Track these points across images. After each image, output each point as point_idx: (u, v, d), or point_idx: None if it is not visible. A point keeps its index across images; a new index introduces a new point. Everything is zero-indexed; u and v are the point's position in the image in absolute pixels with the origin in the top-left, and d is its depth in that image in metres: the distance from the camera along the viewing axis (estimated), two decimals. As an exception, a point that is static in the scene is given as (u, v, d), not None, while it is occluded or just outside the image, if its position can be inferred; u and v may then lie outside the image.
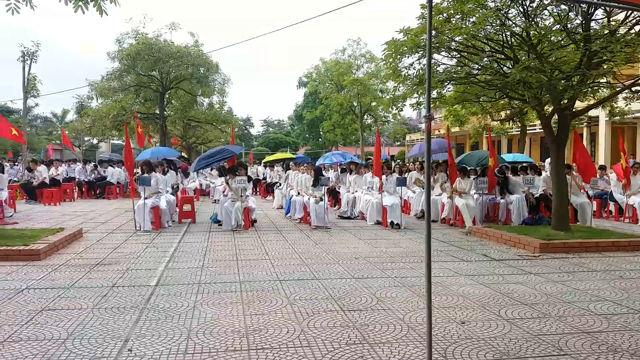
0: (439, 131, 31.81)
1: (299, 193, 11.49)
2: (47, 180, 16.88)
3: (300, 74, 62.11)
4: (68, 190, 17.43)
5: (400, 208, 10.48)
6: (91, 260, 6.91)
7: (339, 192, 13.81)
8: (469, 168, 11.75)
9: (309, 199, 10.64)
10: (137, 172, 13.03)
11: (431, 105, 3.35)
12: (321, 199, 10.32)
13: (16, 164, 22.29)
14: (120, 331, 4.00)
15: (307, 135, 53.75)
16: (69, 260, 6.91)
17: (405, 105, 9.70)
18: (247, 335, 3.94)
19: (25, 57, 22.00)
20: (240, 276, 5.97)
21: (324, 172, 12.53)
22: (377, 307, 4.74)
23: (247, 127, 76.64)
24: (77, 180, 19.10)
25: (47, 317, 4.35)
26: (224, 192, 13.98)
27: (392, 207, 10.32)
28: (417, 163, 13.46)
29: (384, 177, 10.97)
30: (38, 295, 5.06)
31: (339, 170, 14.85)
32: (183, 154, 25.17)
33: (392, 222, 10.31)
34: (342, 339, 3.89)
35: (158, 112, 24.06)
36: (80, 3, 7.05)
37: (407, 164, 14.21)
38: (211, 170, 18.10)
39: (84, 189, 18.74)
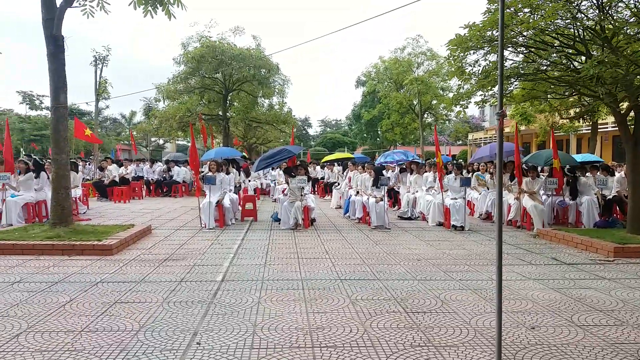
0: (504, 130, 30.80)
1: (358, 193, 11.46)
2: (117, 179, 17.74)
3: (358, 73, 61.83)
4: (137, 189, 18.23)
5: (465, 209, 10.21)
6: (160, 255, 7.19)
7: (399, 192, 13.66)
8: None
9: (368, 198, 10.59)
10: (202, 171, 13.42)
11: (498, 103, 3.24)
12: (381, 199, 10.24)
13: (88, 163, 23.56)
14: (188, 325, 4.13)
15: (364, 135, 53.57)
16: (139, 255, 7.21)
17: (470, 102, 9.45)
18: (310, 332, 3.97)
19: (97, 62, 23.21)
20: (302, 274, 6.02)
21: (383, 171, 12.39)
22: (441, 309, 4.65)
23: (305, 127, 77.40)
24: (145, 179, 19.96)
25: (120, 309, 4.55)
26: (283, 191, 14.18)
27: (455, 208, 10.08)
28: (482, 164, 13.05)
29: (451, 176, 10.72)
30: (111, 288, 5.31)
31: (398, 169, 14.68)
32: (244, 154, 25.70)
33: (454, 225, 10.04)
34: (407, 340, 3.83)
35: (221, 114, 24.70)
36: (150, 8, 7.39)
37: (476, 164, 13.75)
38: (272, 169, 18.40)
39: (151, 188, 19.55)
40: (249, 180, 16.81)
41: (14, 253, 7.16)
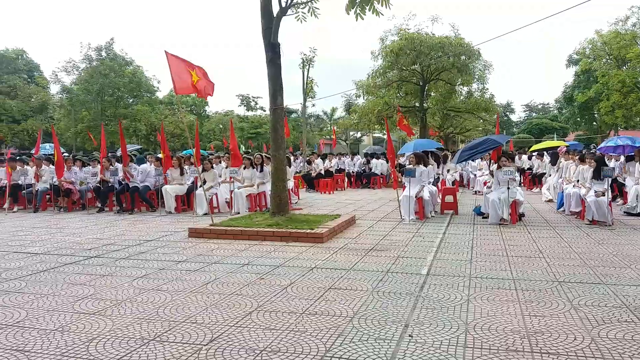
0: None
1: (574, 185, 10.36)
2: (322, 172, 19.01)
3: (569, 51, 55.90)
4: (339, 181, 19.30)
5: None
6: (365, 245, 7.47)
7: (624, 185, 11.97)
8: None
9: (587, 192, 9.49)
10: (399, 163, 13.58)
11: None
12: (603, 193, 9.09)
13: (297, 157, 25.65)
14: (399, 316, 4.20)
15: (578, 119, 48.17)
16: (346, 244, 7.60)
17: None
18: (528, 336, 3.71)
19: (304, 63, 25.00)
20: (513, 273, 5.67)
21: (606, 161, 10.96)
22: (691, 324, 3.94)
23: (507, 113, 72.83)
24: (346, 171, 21.02)
25: (334, 295, 4.85)
26: (485, 183, 13.55)
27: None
28: None
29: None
30: (325, 275, 5.69)
31: (624, 158, 12.85)
32: (441, 144, 25.25)
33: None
34: (647, 356, 3.34)
35: (418, 105, 24.67)
36: (359, 10, 7.78)
37: None
38: (473, 160, 17.74)
39: (352, 179, 20.51)
40: (450, 174, 16.47)
41: (241, 238, 8.16)
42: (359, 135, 59.58)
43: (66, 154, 18.46)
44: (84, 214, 12.13)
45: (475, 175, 17.75)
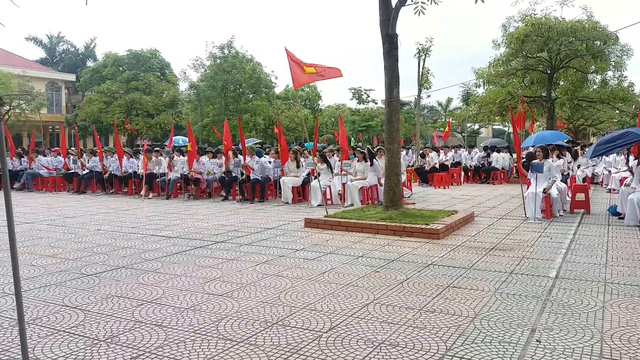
0: None
1: None
2: (437, 165, 18.53)
3: None
4: (455, 175, 18.67)
5: None
6: (485, 244, 7.15)
7: None
8: None
9: None
10: (523, 158, 12.77)
11: None
12: None
13: (410, 150, 25.25)
14: (524, 319, 3.96)
15: None
16: (464, 242, 7.33)
17: None
18: (677, 353, 3.32)
19: (420, 53, 24.41)
20: (657, 280, 5.10)
21: None
22: None
23: (647, 103, 65.59)
24: (462, 165, 20.27)
25: (453, 294, 4.70)
26: (622, 180, 12.33)
27: None
28: None
29: None
30: (442, 272, 5.54)
31: None
32: (570, 137, 23.31)
33: None
34: None
35: (545, 95, 23.01)
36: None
37: None
38: (607, 156, 16.21)
39: (469, 174, 19.74)
40: (582, 169, 15.20)
41: (355, 230, 8.22)
42: (476, 127, 57.08)
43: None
44: (210, 202, 12.99)
45: (609, 171, 16.21)
